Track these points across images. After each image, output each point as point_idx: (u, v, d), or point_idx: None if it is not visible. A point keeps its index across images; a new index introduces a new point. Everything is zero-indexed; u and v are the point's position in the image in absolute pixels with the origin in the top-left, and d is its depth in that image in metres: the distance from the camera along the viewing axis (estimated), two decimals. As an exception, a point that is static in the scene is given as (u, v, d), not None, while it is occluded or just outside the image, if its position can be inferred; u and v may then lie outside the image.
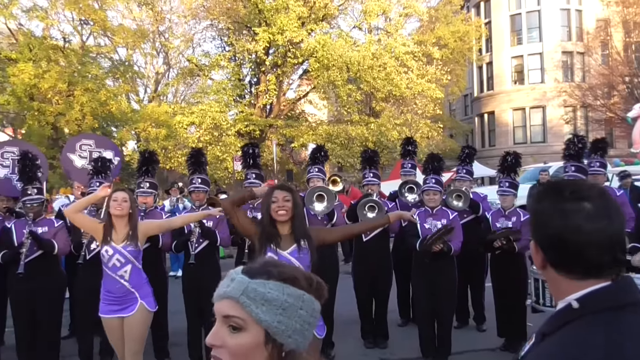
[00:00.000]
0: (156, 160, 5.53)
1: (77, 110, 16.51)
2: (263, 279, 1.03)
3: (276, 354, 1.02)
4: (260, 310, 1.00)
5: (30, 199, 4.89)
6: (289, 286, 1.03)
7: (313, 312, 1.05)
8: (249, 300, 1.00)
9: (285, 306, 1.01)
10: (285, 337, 1.01)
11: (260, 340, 1.01)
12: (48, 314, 4.82)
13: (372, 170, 5.51)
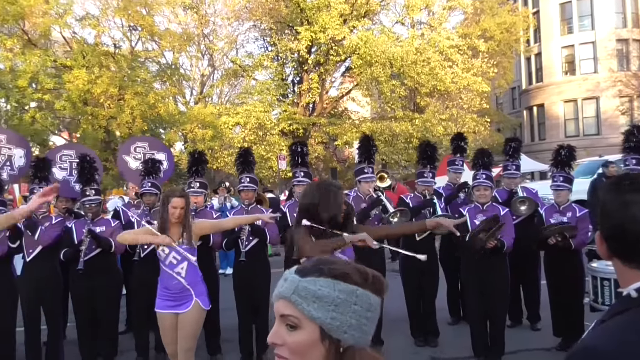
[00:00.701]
0: (205, 160, 5.65)
1: (127, 113, 17.09)
2: (314, 276, 1.05)
3: (334, 350, 1.03)
4: (312, 308, 1.01)
5: (89, 200, 5.11)
6: (340, 282, 1.04)
7: (369, 306, 1.05)
8: (300, 299, 1.02)
9: (337, 302, 1.02)
10: (341, 332, 1.02)
11: (316, 337, 1.02)
12: (106, 309, 5.04)
13: (431, 171, 5.42)
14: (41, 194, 3.27)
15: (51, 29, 18.46)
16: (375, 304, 1.06)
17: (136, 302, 5.19)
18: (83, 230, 5.00)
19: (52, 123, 18.46)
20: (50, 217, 5.15)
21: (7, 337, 4.86)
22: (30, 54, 17.26)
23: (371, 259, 4.88)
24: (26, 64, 17.06)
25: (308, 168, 5.26)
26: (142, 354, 5.13)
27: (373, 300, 1.06)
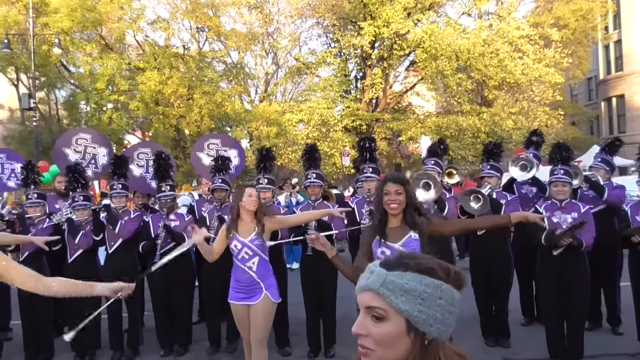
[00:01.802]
0: (273, 156, 5.73)
1: (196, 112, 17.71)
2: (400, 270, 1.08)
3: (419, 342, 1.06)
4: (400, 301, 1.05)
5: (165, 195, 5.34)
6: (427, 277, 1.07)
7: (453, 301, 1.08)
8: (388, 292, 1.06)
9: (424, 296, 1.05)
10: (427, 325, 1.05)
11: (402, 329, 1.06)
12: (181, 300, 5.26)
13: (490, 163, 5.27)
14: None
15: (125, 34, 19.46)
16: (457, 299, 1.09)
17: (209, 293, 5.37)
18: (159, 225, 5.23)
19: (127, 123, 19.44)
20: (129, 212, 5.43)
21: (94, 322, 5.18)
22: (107, 57, 18.26)
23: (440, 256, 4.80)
24: (103, 68, 18.07)
25: (377, 164, 5.22)
26: (215, 343, 5.31)
27: (456, 296, 1.09)
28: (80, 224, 5.24)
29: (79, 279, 5.07)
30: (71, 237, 5.19)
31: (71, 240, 5.19)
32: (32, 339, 5.20)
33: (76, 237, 5.16)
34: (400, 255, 1.16)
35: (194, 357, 5.21)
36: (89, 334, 5.23)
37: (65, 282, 2.54)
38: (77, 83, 19.52)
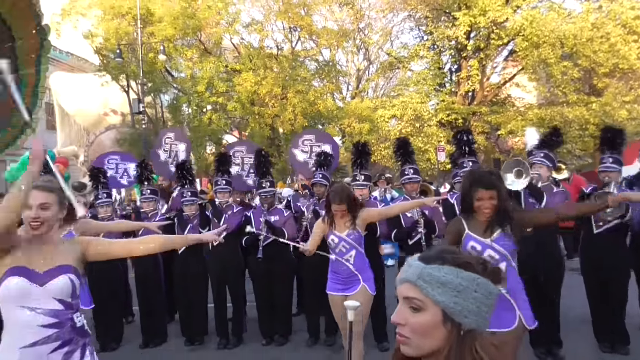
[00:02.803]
0: (369, 152, 5.69)
1: (289, 111, 18.10)
2: (437, 264, 1.14)
3: (455, 332, 1.12)
4: (436, 292, 1.11)
5: (265, 192, 5.51)
6: (463, 270, 1.13)
7: (489, 294, 1.13)
8: (425, 284, 1.12)
9: (460, 289, 1.11)
10: (462, 317, 1.11)
11: (438, 320, 1.12)
12: (281, 292, 5.40)
13: (612, 155, 4.70)
14: None
15: (222, 38, 20.36)
16: (494, 292, 1.15)
17: (308, 287, 5.45)
18: (260, 219, 5.40)
19: (225, 123, 20.31)
20: (232, 206, 5.65)
21: (201, 311, 5.51)
22: (206, 61, 19.21)
23: (546, 255, 4.49)
24: (203, 71, 19.02)
25: (476, 157, 4.99)
26: (314, 335, 5.39)
27: (492, 289, 1.14)
28: (189, 217, 5.55)
29: (188, 269, 5.43)
30: (181, 230, 5.50)
31: (180, 232, 5.51)
32: (148, 324, 5.59)
33: (185, 230, 5.47)
34: (440, 250, 1.21)
35: (293, 347, 5.33)
36: (198, 321, 5.55)
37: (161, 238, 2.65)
38: (180, 87, 20.75)
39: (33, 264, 2.19)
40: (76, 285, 2.28)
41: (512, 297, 2.90)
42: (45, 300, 2.18)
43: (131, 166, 6.96)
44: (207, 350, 5.35)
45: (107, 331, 5.46)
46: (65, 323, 2.22)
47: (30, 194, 2.19)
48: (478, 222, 2.98)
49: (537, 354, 4.71)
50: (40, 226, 2.22)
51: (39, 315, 2.16)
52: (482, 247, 2.93)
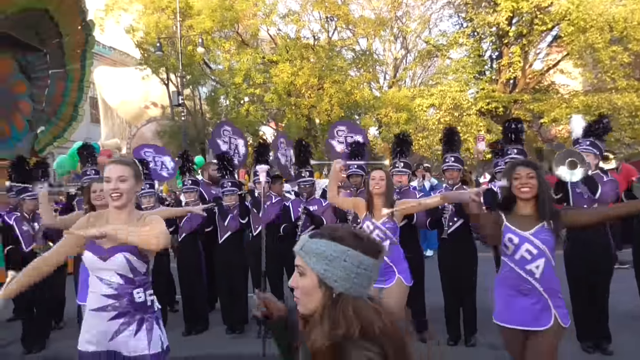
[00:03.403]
0: (410, 141, 5.61)
1: (326, 101, 18.06)
2: (317, 238, 1.36)
3: (328, 295, 1.31)
4: (311, 261, 1.33)
5: (304, 181, 5.53)
6: (337, 243, 1.32)
7: (359, 264, 1.31)
8: (305, 254, 1.35)
9: (330, 258, 1.31)
10: (332, 282, 1.31)
11: (315, 284, 1.33)
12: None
13: None
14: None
15: (259, 29, 20.45)
16: (366, 263, 1.31)
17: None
18: (299, 209, 5.42)
19: (262, 114, 20.46)
20: (271, 197, 5.69)
21: (241, 300, 5.59)
22: (244, 53, 19.36)
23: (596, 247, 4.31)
24: (240, 63, 19.18)
25: (523, 145, 4.85)
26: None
27: (363, 260, 1.31)
28: (229, 208, 5.62)
29: (229, 259, 5.49)
30: (221, 220, 5.58)
31: (221, 222, 5.59)
32: (190, 312, 5.71)
33: (225, 220, 5.54)
34: (327, 227, 1.44)
35: (333, 338, 5.32)
36: (238, 310, 5.62)
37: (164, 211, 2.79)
38: (218, 79, 21.00)
39: (99, 241, 2.38)
40: (133, 264, 2.43)
41: (549, 295, 2.81)
42: (108, 273, 2.42)
43: (166, 159, 7.11)
44: (247, 339, 5.42)
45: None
46: (124, 296, 2.41)
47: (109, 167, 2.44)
48: (517, 216, 2.89)
49: (584, 348, 4.57)
50: (120, 197, 2.41)
51: (104, 286, 2.42)
52: (519, 240, 2.82)
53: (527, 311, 2.81)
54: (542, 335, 2.78)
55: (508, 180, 2.89)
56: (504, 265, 2.94)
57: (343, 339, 1.25)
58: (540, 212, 2.82)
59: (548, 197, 2.85)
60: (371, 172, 4.06)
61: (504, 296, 2.94)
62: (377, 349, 1.22)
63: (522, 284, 2.83)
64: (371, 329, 1.25)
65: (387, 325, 1.26)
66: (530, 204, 2.85)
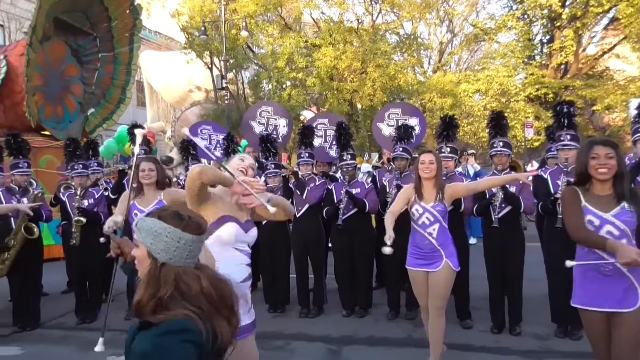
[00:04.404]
0: (456, 124, 5.48)
1: (369, 86, 17.84)
2: (149, 217, 1.61)
3: (155, 263, 1.55)
4: (141, 236, 1.59)
5: (346, 164, 5.49)
6: (161, 222, 1.57)
7: (179, 239, 1.55)
8: (137, 230, 1.60)
9: (155, 234, 1.55)
10: (156, 253, 1.55)
11: (145, 254, 1.58)
12: (363, 264, 5.39)
13: None
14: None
15: (303, 13, 20.33)
16: (186, 238, 1.56)
17: (389, 260, 5.37)
18: (341, 192, 5.39)
19: (305, 99, 20.44)
20: (314, 179, 5.68)
21: (284, 280, 5.64)
22: (287, 36, 19.31)
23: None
24: (283, 47, 19.17)
25: (576, 130, 4.64)
26: (394, 309, 5.35)
27: (182, 236, 1.55)
28: (272, 189, 5.63)
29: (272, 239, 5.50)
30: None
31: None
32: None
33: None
34: (165, 207, 1.70)
35: (374, 319, 5.32)
36: (280, 290, 5.68)
37: None
38: (260, 63, 21.07)
39: (236, 215, 2.62)
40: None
41: (635, 276, 2.68)
42: (244, 245, 2.66)
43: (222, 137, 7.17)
44: (288, 318, 5.48)
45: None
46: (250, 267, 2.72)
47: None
48: (595, 196, 2.76)
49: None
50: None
51: (245, 256, 2.66)
52: (600, 222, 2.71)
53: (611, 293, 2.71)
54: (628, 316, 2.68)
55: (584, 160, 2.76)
56: (581, 248, 2.83)
57: (167, 299, 1.48)
58: (618, 192, 2.72)
59: (627, 177, 2.76)
60: (420, 156, 3.96)
61: (584, 279, 2.83)
62: (193, 307, 1.46)
63: (605, 265, 2.71)
64: (190, 291, 1.50)
65: (204, 287, 1.51)
66: (608, 185, 2.75)
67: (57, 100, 11.48)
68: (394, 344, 4.63)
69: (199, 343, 1.42)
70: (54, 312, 5.93)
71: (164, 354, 1.38)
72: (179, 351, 1.38)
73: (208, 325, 1.46)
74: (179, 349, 1.39)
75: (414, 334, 4.83)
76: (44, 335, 5.23)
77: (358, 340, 4.75)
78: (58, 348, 4.87)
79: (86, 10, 11.51)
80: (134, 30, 12.36)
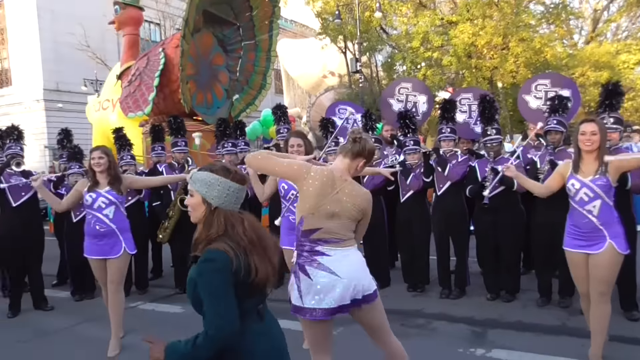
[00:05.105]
0: (621, 92, 4.85)
1: (511, 62, 16.68)
2: (202, 170, 1.90)
3: (209, 207, 1.86)
4: (196, 186, 1.88)
5: (490, 139, 5.16)
6: (213, 174, 1.87)
7: (229, 188, 1.86)
8: (192, 181, 1.89)
9: (209, 184, 1.85)
10: (210, 199, 1.85)
11: (200, 201, 1.87)
12: (509, 245, 5.05)
13: None
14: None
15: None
16: (233, 187, 1.87)
17: (539, 241, 4.97)
18: (485, 169, 5.09)
19: (440, 79, 19.76)
20: (457, 155, 5.44)
21: (423, 259, 5.53)
22: (421, 15, 18.76)
23: None
24: (418, 26, 18.66)
25: None
26: (545, 295, 4.96)
27: (231, 185, 1.87)
28: (411, 166, 5.53)
29: (411, 216, 5.44)
30: (403, 179, 5.52)
31: (403, 181, 5.53)
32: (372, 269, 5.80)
33: (407, 179, 5.47)
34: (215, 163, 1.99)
35: (521, 305, 4.98)
36: (419, 269, 5.57)
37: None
38: (394, 44, 20.76)
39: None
40: None
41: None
42: None
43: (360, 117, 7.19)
44: (429, 298, 5.36)
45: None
46: None
47: None
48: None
49: None
50: None
51: None
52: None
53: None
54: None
55: None
56: None
57: (215, 236, 1.79)
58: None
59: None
60: (580, 125, 3.55)
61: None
62: (233, 243, 1.76)
63: None
64: (233, 231, 1.81)
65: (247, 229, 1.83)
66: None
67: (207, 88, 12.46)
68: (546, 331, 4.28)
69: (230, 271, 1.70)
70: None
71: (202, 278, 1.71)
72: (213, 275, 1.70)
73: (242, 258, 1.74)
74: (213, 274, 1.70)
75: (569, 322, 4.43)
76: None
77: (504, 324, 4.47)
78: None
79: (230, 2, 12.27)
80: (272, 18, 12.92)
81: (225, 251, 1.71)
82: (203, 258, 1.73)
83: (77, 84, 26.88)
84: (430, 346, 4.07)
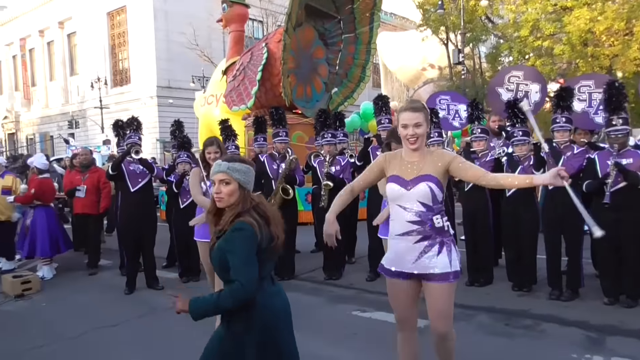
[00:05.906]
0: None
1: (635, 49, 15.17)
2: (233, 162, 2.22)
3: (244, 193, 2.19)
4: (235, 174, 2.18)
5: (615, 130, 4.70)
6: (245, 164, 2.24)
7: (252, 174, 2.26)
8: (231, 171, 2.19)
9: (244, 172, 2.21)
10: (246, 184, 2.20)
11: (237, 187, 2.18)
12: (634, 247, 4.58)
13: None
14: None
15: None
16: (253, 172, 2.27)
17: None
18: (607, 162, 4.65)
19: (551, 69, 18.48)
20: (572, 147, 5.02)
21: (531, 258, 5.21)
22: (531, 2, 17.62)
23: None
24: (527, 14, 17.55)
25: None
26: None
27: (252, 171, 2.27)
28: (519, 159, 5.20)
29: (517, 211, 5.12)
30: (510, 170, 5.21)
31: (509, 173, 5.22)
32: (474, 264, 5.55)
33: (516, 171, 5.15)
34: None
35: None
36: (525, 268, 5.24)
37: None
38: (501, 34, 19.74)
39: (404, 173, 2.70)
40: (435, 193, 2.65)
41: None
42: (411, 202, 2.67)
43: (462, 107, 6.93)
44: (536, 299, 5.00)
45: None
46: (426, 222, 2.66)
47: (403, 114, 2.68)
48: None
49: None
50: (416, 141, 2.67)
51: (408, 213, 2.68)
52: None
53: None
54: None
55: None
56: None
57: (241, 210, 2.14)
58: None
59: None
60: None
61: None
62: (258, 216, 2.13)
63: None
64: (258, 206, 2.18)
65: (265, 205, 2.22)
66: None
67: (307, 81, 12.63)
68: (678, 342, 3.82)
69: (256, 239, 2.07)
70: (305, 267, 6.56)
71: (234, 243, 2.07)
72: (243, 241, 2.06)
73: (265, 229, 2.12)
74: (243, 240, 2.06)
75: None
76: (298, 285, 5.83)
77: (626, 332, 4.04)
78: (309, 298, 5.37)
79: (332, -5, 12.31)
80: (374, 10, 12.77)
81: (251, 224, 2.09)
82: (233, 227, 2.10)
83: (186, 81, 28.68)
84: (540, 348, 3.80)
